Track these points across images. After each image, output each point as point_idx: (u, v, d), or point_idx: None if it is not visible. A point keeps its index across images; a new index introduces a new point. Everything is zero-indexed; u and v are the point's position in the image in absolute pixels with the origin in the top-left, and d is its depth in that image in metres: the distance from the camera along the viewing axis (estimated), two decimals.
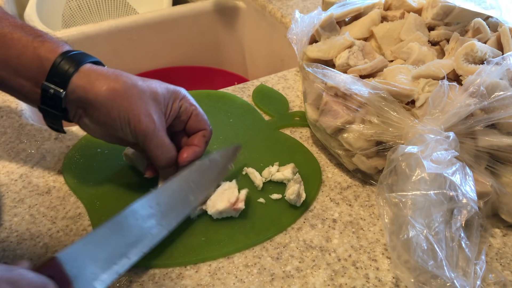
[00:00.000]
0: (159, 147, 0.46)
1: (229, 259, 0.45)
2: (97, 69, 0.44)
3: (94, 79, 0.43)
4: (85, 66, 0.44)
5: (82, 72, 0.43)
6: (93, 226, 0.48)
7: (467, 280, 0.39)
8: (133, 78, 0.46)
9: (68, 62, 0.43)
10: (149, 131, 0.45)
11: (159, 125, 0.45)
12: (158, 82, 0.48)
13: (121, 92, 0.43)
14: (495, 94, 0.44)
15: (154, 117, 0.45)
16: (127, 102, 0.44)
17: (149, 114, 0.45)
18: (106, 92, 0.43)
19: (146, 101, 0.45)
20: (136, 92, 0.44)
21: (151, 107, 0.45)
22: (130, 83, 0.44)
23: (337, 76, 0.51)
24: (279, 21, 0.94)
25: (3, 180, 0.53)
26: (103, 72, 0.44)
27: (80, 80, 0.43)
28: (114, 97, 0.43)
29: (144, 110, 0.44)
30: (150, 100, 0.45)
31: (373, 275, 0.44)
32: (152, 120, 0.45)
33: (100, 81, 0.43)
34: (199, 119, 0.50)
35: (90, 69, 0.44)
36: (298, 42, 0.59)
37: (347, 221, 0.49)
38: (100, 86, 0.43)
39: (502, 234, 0.48)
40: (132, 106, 0.44)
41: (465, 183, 0.42)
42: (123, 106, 0.43)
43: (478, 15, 0.56)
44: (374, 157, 0.51)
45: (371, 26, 0.60)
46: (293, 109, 0.66)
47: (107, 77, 0.44)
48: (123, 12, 1.31)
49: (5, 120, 0.62)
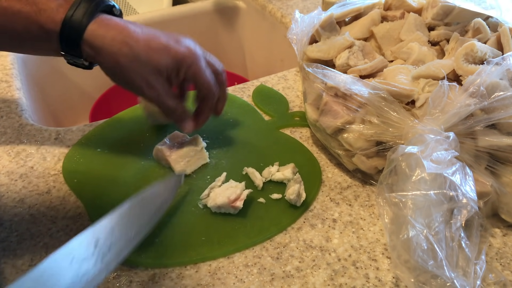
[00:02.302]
0: (166, 109, 0.51)
1: (229, 259, 0.45)
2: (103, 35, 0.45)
3: (99, 49, 0.45)
4: (89, 32, 0.45)
5: (87, 41, 0.45)
6: None
7: (467, 280, 0.39)
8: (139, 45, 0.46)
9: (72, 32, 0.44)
10: (154, 99, 0.49)
11: (162, 92, 0.49)
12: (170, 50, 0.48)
13: (122, 66, 0.46)
14: (495, 94, 0.44)
15: (156, 87, 0.48)
16: (130, 75, 0.47)
17: (151, 85, 0.48)
18: (110, 65, 0.46)
19: (147, 73, 0.47)
20: (136, 66, 0.46)
21: (153, 77, 0.48)
22: (132, 57, 0.46)
23: (337, 76, 0.51)
24: (279, 21, 0.94)
25: (3, 180, 0.53)
26: (108, 39, 0.45)
27: (88, 50, 0.46)
28: (117, 70, 0.47)
29: (145, 81, 0.47)
30: (152, 72, 0.47)
31: (373, 275, 0.44)
32: (155, 89, 0.48)
33: (104, 52, 0.45)
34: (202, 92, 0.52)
35: (95, 36, 0.45)
36: (298, 42, 0.59)
37: (347, 221, 0.49)
38: (104, 58, 0.46)
39: (502, 234, 0.49)
40: (133, 78, 0.47)
41: (465, 183, 0.42)
42: (126, 78, 0.47)
43: (478, 15, 0.56)
44: (374, 157, 0.51)
45: (371, 26, 0.60)
46: (293, 109, 0.66)
47: (111, 48, 0.45)
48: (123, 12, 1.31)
49: (5, 120, 0.62)
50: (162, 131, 0.60)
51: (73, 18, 0.44)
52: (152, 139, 0.58)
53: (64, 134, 0.60)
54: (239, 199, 0.48)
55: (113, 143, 0.58)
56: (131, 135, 0.60)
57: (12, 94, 0.67)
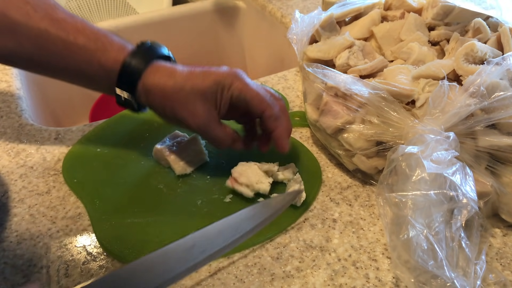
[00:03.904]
0: (213, 139, 0.50)
1: (229, 259, 0.45)
2: (154, 74, 0.48)
3: (150, 86, 0.48)
4: (146, 72, 0.48)
5: (142, 79, 0.48)
6: (93, 226, 0.48)
7: (467, 280, 0.39)
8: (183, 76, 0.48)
9: (131, 71, 0.48)
10: (199, 127, 0.49)
11: (208, 120, 0.49)
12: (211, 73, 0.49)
13: (169, 98, 0.48)
14: (495, 94, 0.44)
15: (202, 115, 0.48)
16: (176, 106, 0.48)
17: (197, 113, 0.48)
18: (159, 99, 0.48)
19: (193, 101, 0.48)
20: (182, 95, 0.48)
21: (198, 105, 0.48)
22: (178, 87, 0.48)
23: (337, 76, 0.51)
24: (279, 21, 0.94)
25: (3, 180, 0.53)
26: (158, 77, 0.48)
27: (141, 87, 0.48)
28: (165, 103, 0.48)
29: (191, 110, 0.48)
30: (197, 99, 0.48)
31: (373, 275, 0.44)
32: (200, 117, 0.48)
33: (154, 88, 0.48)
34: (255, 103, 0.49)
35: (149, 75, 0.48)
36: (298, 42, 0.59)
37: (347, 221, 0.49)
38: (154, 93, 0.48)
39: (502, 234, 0.48)
40: (180, 109, 0.48)
41: (465, 183, 0.42)
42: (174, 110, 0.48)
43: (478, 15, 0.56)
44: (374, 157, 0.51)
45: (371, 26, 0.60)
46: (293, 109, 0.66)
47: (159, 83, 0.48)
48: (123, 12, 1.31)
49: (5, 120, 0.62)
50: (162, 131, 0.60)
51: (135, 59, 0.48)
52: (152, 139, 0.57)
53: (64, 134, 0.60)
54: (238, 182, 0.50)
55: (113, 143, 0.58)
56: (131, 135, 0.60)
57: (12, 94, 0.67)
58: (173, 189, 0.52)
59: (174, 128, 0.59)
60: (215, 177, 0.53)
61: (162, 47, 0.51)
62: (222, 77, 0.49)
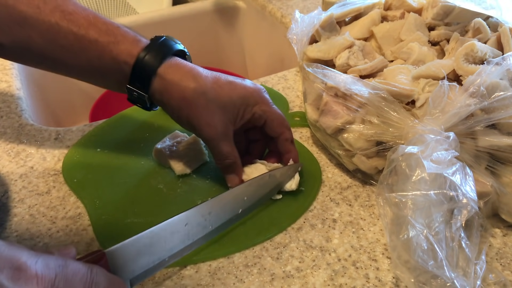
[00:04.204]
0: (218, 154, 0.48)
1: (229, 259, 0.45)
2: (174, 72, 0.46)
3: (169, 84, 0.46)
4: (162, 68, 0.46)
5: (159, 76, 0.46)
6: (93, 226, 0.48)
7: (467, 280, 0.39)
8: (207, 82, 0.46)
9: (146, 66, 0.45)
10: (210, 139, 0.47)
11: (221, 134, 0.47)
12: (237, 86, 0.48)
13: (189, 101, 0.46)
14: (495, 94, 0.44)
15: (217, 127, 0.47)
16: (194, 111, 0.46)
17: (213, 124, 0.46)
18: (176, 100, 0.46)
19: (212, 111, 0.46)
20: (203, 101, 0.46)
21: (217, 116, 0.46)
22: (200, 91, 0.46)
23: (337, 76, 0.51)
24: (279, 21, 0.94)
25: (3, 180, 0.53)
26: (178, 75, 0.46)
27: (157, 84, 0.46)
28: (183, 105, 0.46)
29: (208, 120, 0.46)
30: (217, 109, 0.46)
31: (373, 275, 0.44)
32: (215, 129, 0.47)
33: (173, 87, 0.46)
34: (275, 125, 0.50)
35: (167, 72, 0.46)
36: (298, 42, 0.59)
37: (347, 221, 0.49)
38: (172, 93, 0.46)
39: (502, 234, 0.48)
40: (197, 115, 0.46)
41: (465, 183, 0.42)
42: (190, 114, 0.46)
43: (478, 15, 0.56)
44: (374, 157, 0.51)
45: (371, 26, 0.60)
46: (293, 109, 0.66)
47: (180, 82, 0.46)
48: (123, 12, 1.31)
49: (5, 120, 0.62)
50: (162, 131, 0.60)
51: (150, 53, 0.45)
52: (152, 139, 0.57)
53: (64, 134, 0.60)
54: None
55: (113, 143, 0.58)
56: (131, 135, 0.60)
57: (12, 94, 0.67)
58: (173, 189, 0.52)
59: (174, 128, 0.59)
60: (215, 177, 0.53)
61: (177, 42, 0.49)
62: (248, 93, 0.48)
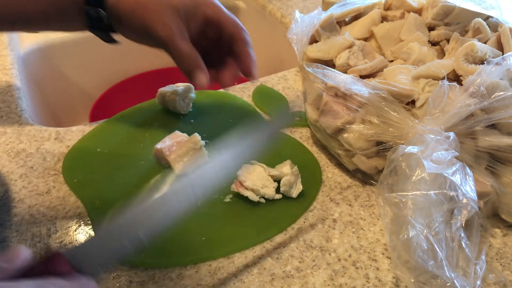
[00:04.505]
0: (178, 54, 0.49)
1: (229, 259, 0.45)
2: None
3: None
4: None
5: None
6: (93, 226, 0.48)
7: (467, 280, 0.39)
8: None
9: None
10: (167, 39, 0.48)
11: (177, 33, 0.48)
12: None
13: (142, 4, 0.48)
14: (495, 94, 0.44)
15: (172, 26, 0.48)
16: (147, 14, 0.48)
17: (166, 23, 0.48)
18: (131, 6, 0.48)
19: (164, 13, 0.48)
20: (156, 4, 0.48)
21: (169, 17, 0.48)
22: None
23: (337, 76, 0.51)
24: (279, 21, 0.94)
25: (3, 180, 0.53)
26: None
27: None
28: (137, 10, 0.48)
29: (163, 19, 0.48)
30: (169, 11, 0.48)
31: (373, 275, 0.44)
32: (169, 29, 0.48)
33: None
34: (229, 25, 0.50)
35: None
36: (298, 42, 0.59)
37: (347, 221, 0.49)
38: (126, 2, 0.48)
39: (502, 234, 0.48)
40: (150, 17, 0.48)
41: (465, 183, 0.42)
42: (143, 17, 0.48)
43: (478, 15, 0.56)
44: (374, 157, 0.51)
45: (371, 26, 0.60)
46: (293, 109, 0.66)
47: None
48: None
49: (5, 120, 0.62)
50: (162, 131, 0.60)
51: None
52: (152, 139, 0.57)
53: (64, 134, 0.60)
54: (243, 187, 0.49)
55: (113, 143, 0.58)
56: (131, 135, 0.60)
57: (12, 94, 0.67)
58: None
59: (174, 128, 0.59)
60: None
61: None
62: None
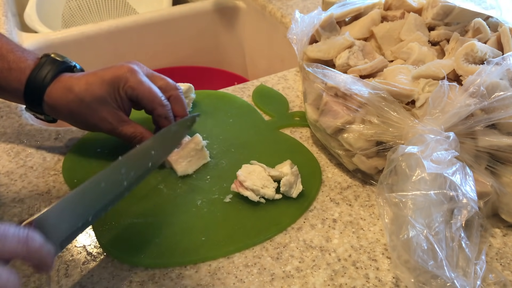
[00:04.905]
0: (125, 138, 0.53)
1: (229, 259, 0.45)
2: (55, 91, 0.50)
3: (54, 105, 0.50)
4: (48, 89, 0.50)
5: (45, 101, 0.50)
6: (93, 226, 0.48)
7: (467, 280, 0.39)
8: (81, 88, 0.50)
9: (34, 91, 0.50)
10: (111, 131, 0.52)
11: (116, 122, 0.52)
12: (105, 75, 0.51)
13: (75, 112, 0.51)
14: (495, 94, 0.44)
15: (109, 118, 0.51)
16: (84, 117, 0.51)
17: (104, 118, 0.51)
18: (66, 114, 0.52)
19: (96, 109, 0.51)
20: (85, 106, 0.50)
21: (103, 112, 0.51)
22: (78, 100, 0.50)
23: (337, 76, 0.51)
24: (279, 21, 0.94)
25: (3, 180, 0.53)
26: (58, 94, 0.50)
27: (46, 108, 0.51)
28: (74, 116, 0.52)
29: (99, 116, 0.51)
30: (99, 106, 0.51)
31: (373, 275, 0.44)
32: (108, 122, 0.51)
33: (58, 106, 0.51)
34: (145, 102, 0.52)
35: (50, 94, 0.50)
36: (298, 42, 0.59)
37: (347, 221, 0.49)
38: (60, 110, 0.51)
39: (502, 234, 0.48)
40: (88, 118, 0.51)
41: (465, 183, 0.42)
42: (83, 120, 0.52)
43: (478, 15, 0.56)
44: (374, 157, 0.51)
45: (371, 26, 0.60)
46: (293, 109, 0.66)
47: (61, 100, 0.50)
48: (123, 12, 1.31)
49: (5, 120, 0.62)
50: None
51: (36, 79, 0.49)
52: None
53: (64, 134, 0.60)
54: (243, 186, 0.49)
55: (113, 143, 0.58)
56: None
57: None
58: (173, 189, 0.52)
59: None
60: (215, 177, 0.53)
61: (64, 59, 0.52)
62: (116, 77, 0.51)
